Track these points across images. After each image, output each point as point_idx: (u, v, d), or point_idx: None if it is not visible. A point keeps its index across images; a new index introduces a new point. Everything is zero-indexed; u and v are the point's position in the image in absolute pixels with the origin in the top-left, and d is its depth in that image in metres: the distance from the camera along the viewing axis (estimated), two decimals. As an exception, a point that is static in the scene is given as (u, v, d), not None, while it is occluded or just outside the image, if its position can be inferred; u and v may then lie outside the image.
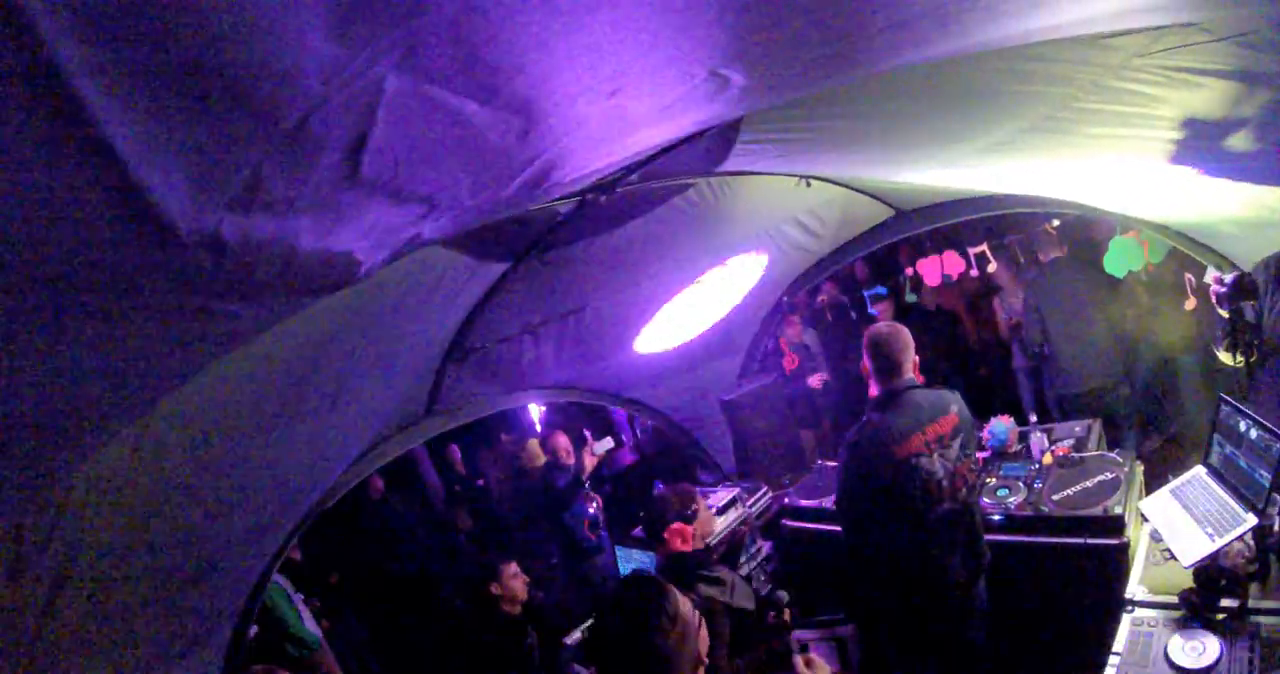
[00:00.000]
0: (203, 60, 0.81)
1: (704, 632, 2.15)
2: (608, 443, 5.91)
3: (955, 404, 3.28)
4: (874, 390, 3.29)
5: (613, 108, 1.58)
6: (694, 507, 3.37)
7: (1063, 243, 5.85)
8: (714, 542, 4.56)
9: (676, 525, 3.27)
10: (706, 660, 2.12)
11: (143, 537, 2.61)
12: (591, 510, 6.12)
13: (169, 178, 0.93)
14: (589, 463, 5.91)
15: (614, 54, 1.33)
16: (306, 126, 1.00)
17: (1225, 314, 3.36)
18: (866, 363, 3.30)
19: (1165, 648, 2.56)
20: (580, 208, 3.33)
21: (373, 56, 0.95)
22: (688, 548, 3.27)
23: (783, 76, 2.00)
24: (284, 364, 2.85)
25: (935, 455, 3.08)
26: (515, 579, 4.32)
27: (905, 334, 3.28)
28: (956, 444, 3.16)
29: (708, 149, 3.18)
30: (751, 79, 1.83)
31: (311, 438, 3.45)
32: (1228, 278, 3.31)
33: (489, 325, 4.22)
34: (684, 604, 2.10)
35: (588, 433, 6.35)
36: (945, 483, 3.06)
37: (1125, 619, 2.82)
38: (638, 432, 9.44)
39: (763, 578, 5.00)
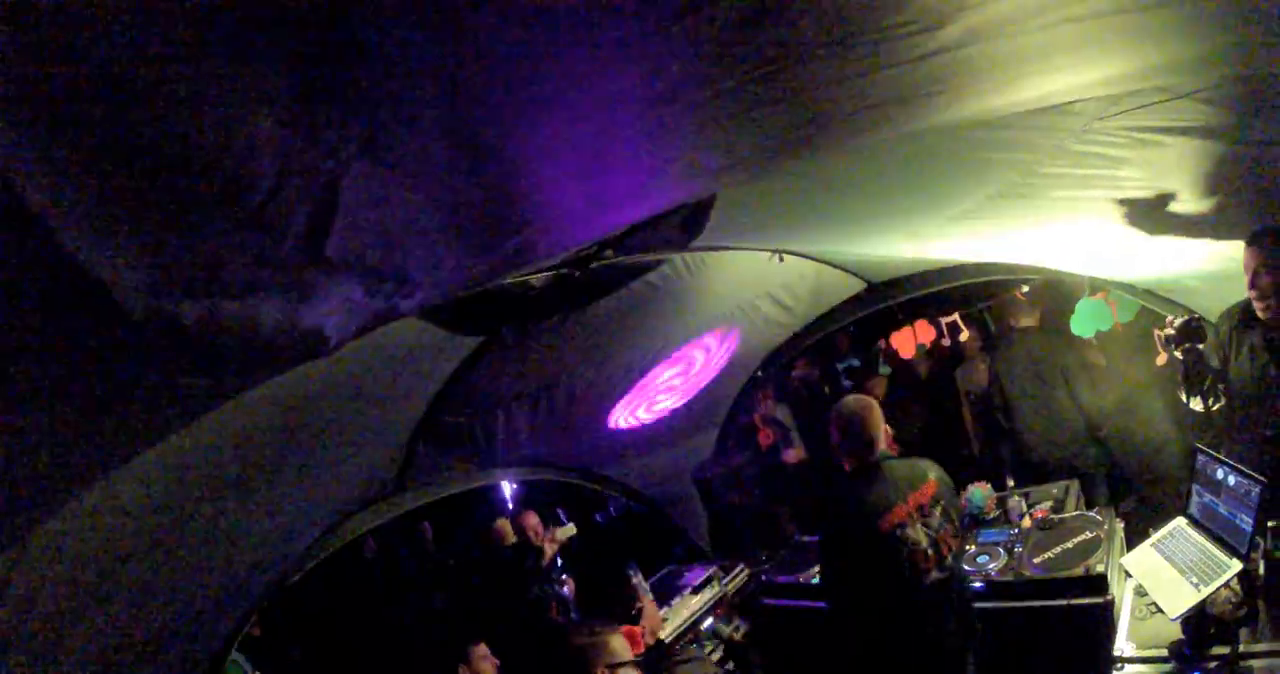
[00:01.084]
0: (154, 152, 0.81)
1: None
2: (569, 529, 5.81)
3: (933, 471, 3.27)
4: (848, 465, 3.26)
5: (586, 189, 1.59)
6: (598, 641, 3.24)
7: (1034, 309, 5.88)
8: (674, 636, 4.47)
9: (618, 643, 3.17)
10: None
11: (94, 601, 2.51)
12: (565, 592, 5.98)
13: (123, 266, 0.92)
14: (549, 549, 5.80)
15: (590, 137, 1.34)
16: (265, 212, 0.99)
17: (1179, 356, 3.41)
18: (836, 438, 3.28)
19: None
20: (556, 282, 3.34)
21: (332, 145, 0.95)
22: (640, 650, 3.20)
23: (754, 157, 2.03)
24: (250, 432, 2.80)
25: (919, 524, 3.05)
26: (485, 660, 4.18)
27: (875, 407, 3.28)
28: (938, 511, 3.13)
29: (682, 225, 3.21)
30: (723, 160, 1.85)
31: (276, 509, 3.37)
32: (1177, 321, 3.38)
33: (462, 400, 4.17)
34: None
35: (561, 512, 6.24)
36: (930, 551, 3.03)
37: None
38: (611, 510, 9.30)
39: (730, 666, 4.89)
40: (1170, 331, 3.42)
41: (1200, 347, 3.41)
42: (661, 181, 1.83)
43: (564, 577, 5.93)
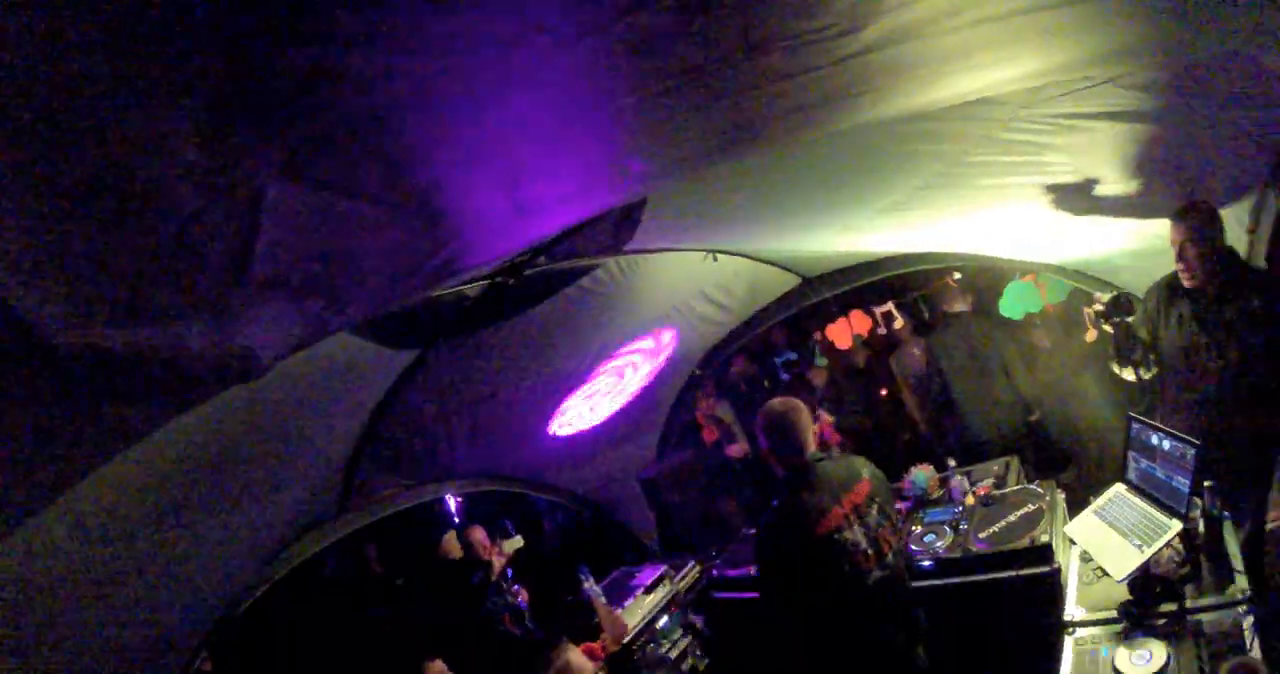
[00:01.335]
0: (69, 180, 0.79)
1: None
2: (516, 541, 5.76)
3: (866, 469, 3.24)
4: (780, 469, 3.19)
5: (513, 198, 1.59)
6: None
7: (966, 294, 6.01)
8: (631, 637, 4.48)
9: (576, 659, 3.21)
10: None
11: (34, 644, 2.43)
12: (519, 602, 5.93)
13: (43, 298, 0.90)
14: (498, 563, 5.76)
15: (513, 148, 1.35)
16: (186, 236, 0.98)
17: (1109, 330, 3.57)
18: (765, 443, 3.20)
19: (1113, 661, 2.58)
20: (489, 291, 3.32)
21: (251, 167, 0.94)
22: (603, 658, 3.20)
23: (681, 160, 2.05)
24: (183, 462, 2.74)
25: (856, 526, 3.04)
26: (442, 676, 4.13)
27: (802, 407, 3.21)
28: (874, 509, 3.12)
29: (614, 229, 3.22)
30: (652, 165, 1.87)
31: (217, 538, 3.29)
32: (1105, 297, 3.55)
33: (400, 415, 4.13)
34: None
35: (508, 524, 6.19)
36: (870, 551, 3.02)
37: (1068, 641, 2.84)
38: (559, 516, 9.26)
39: (698, 653, 4.91)
40: (1099, 308, 3.60)
41: (1129, 320, 3.57)
42: (589, 188, 1.84)
43: (516, 588, 5.89)
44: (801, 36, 1.32)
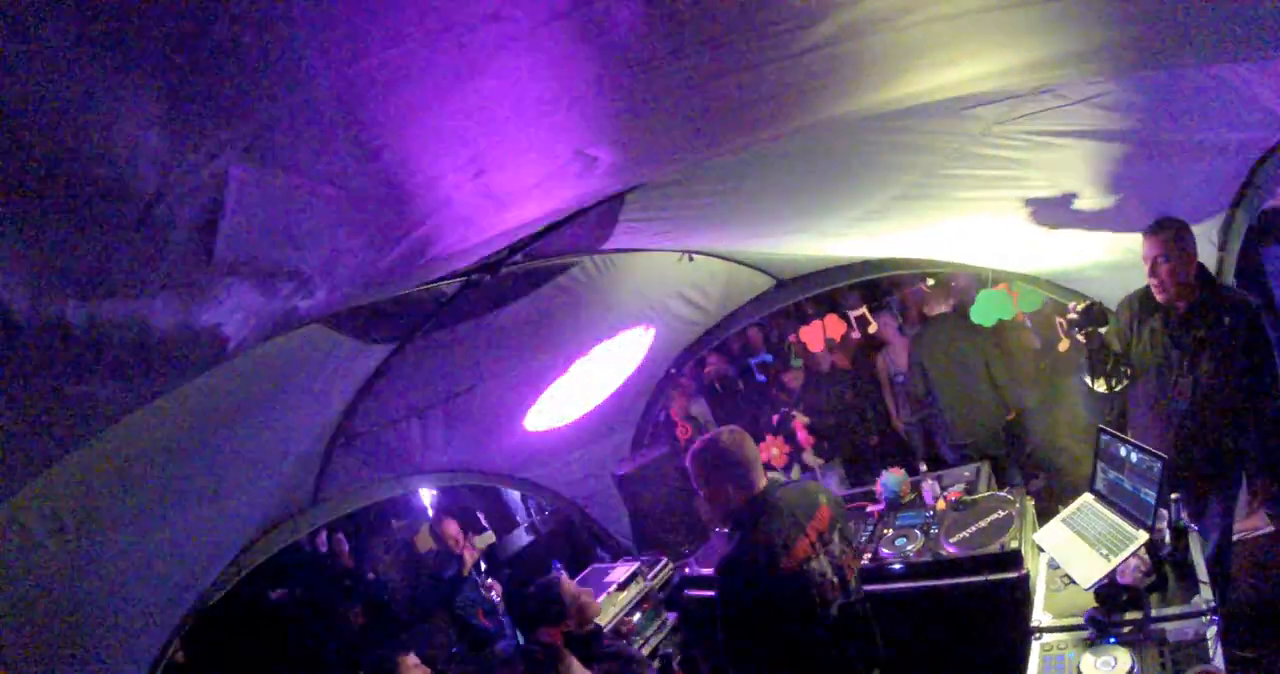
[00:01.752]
0: (30, 158, 0.82)
1: None
2: (489, 537, 5.78)
3: (822, 494, 3.07)
4: (738, 500, 2.91)
5: (479, 187, 1.62)
6: (558, 606, 3.37)
7: (948, 297, 6.00)
8: (608, 622, 4.51)
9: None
10: None
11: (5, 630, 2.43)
12: (493, 596, 5.96)
13: (3, 273, 0.92)
14: (469, 557, 5.78)
15: (476, 136, 1.38)
16: (150, 216, 1.01)
17: (1082, 340, 3.63)
18: (709, 479, 2.92)
19: (1079, 667, 2.63)
20: (465, 288, 3.34)
21: (213, 149, 0.97)
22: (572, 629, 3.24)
23: (651, 154, 2.09)
24: (158, 452, 2.74)
25: (822, 556, 2.89)
26: (415, 669, 4.13)
27: (747, 435, 3.00)
28: (836, 536, 2.99)
29: (591, 227, 3.25)
30: (620, 157, 1.90)
31: (190, 530, 3.30)
32: (1079, 307, 3.61)
33: (375, 409, 4.15)
34: None
35: (481, 517, 6.21)
36: (835, 579, 2.90)
37: (1035, 646, 2.88)
38: (532, 512, 9.28)
39: (670, 650, 4.94)
40: (1073, 317, 3.66)
41: (1102, 331, 3.65)
42: (556, 177, 1.87)
43: (489, 581, 5.91)
44: (759, 28, 1.35)
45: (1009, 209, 3.28)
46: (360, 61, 0.95)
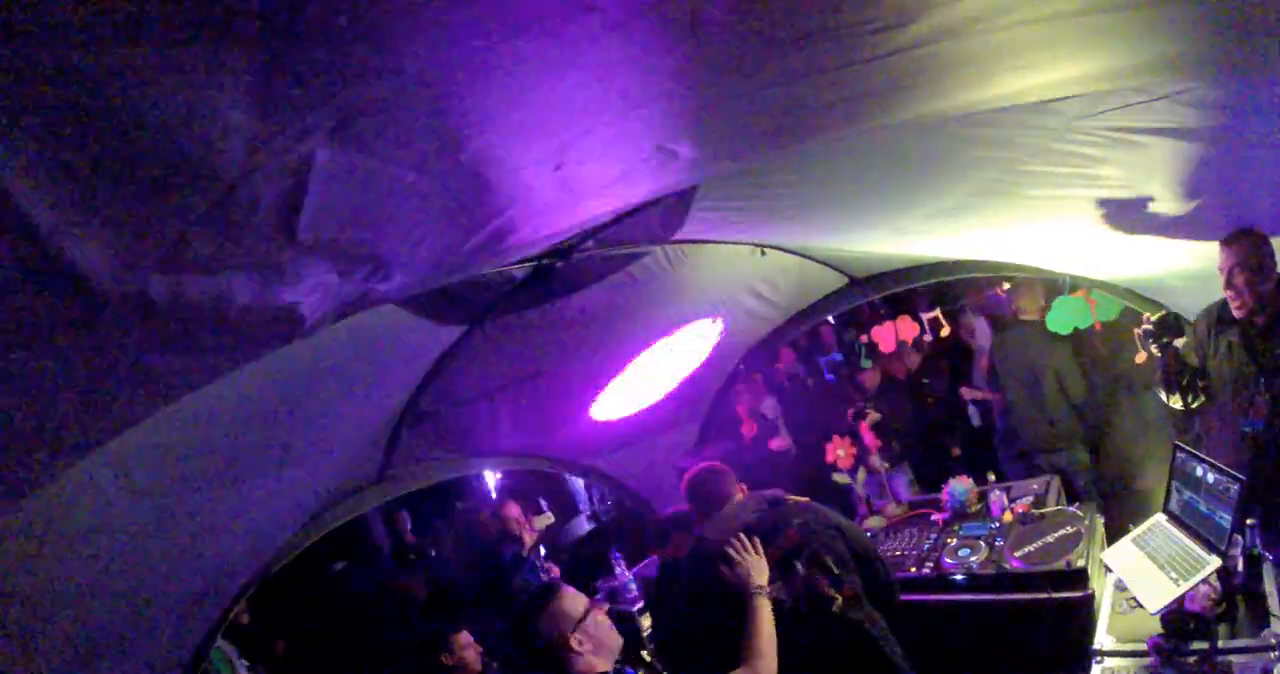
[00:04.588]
0: (119, 134, 0.83)
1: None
2: (547, 517, 5.82)
3: (796, 519, 2.95)
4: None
5: (560, 179, 1.61)
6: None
7: (1038, 301, 5.66)
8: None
9: None
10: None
11: (75, 589, 2.52)
12: (551, 579, 6.01)
13: (88, 242, 0.94)
14: (529, 539, 5.84)
15: (559, 128, 1.37)
16: (235, 193, 1.02)
17: (1156, 353, 3.48)
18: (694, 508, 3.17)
19: None
20: (537, 273, 3.35)
21: (300, 131, 0.97)
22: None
23: (731, 149, 2.05)
24: (233, 423, 2.82)
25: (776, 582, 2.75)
26: (468, 649, 4.18)
27: (728, 469, 3.23)
28: (798, 564, 2.79)
29: (663, 217, 3.23)
30: (699, 152, 1.87)
31: (258, 499, 3.38)
32: (1154, 317, 3.47)
33: (444, 389, 4.19)
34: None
35: (542, 501, 6.26)
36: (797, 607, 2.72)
37: (1095, 669, 2.78)
38: (594, 500, 9.34)
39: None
40: (1148, 327, 3.50)
41: (1178, 344, 3.47)
42: (637, 170, 1.85)
43: (548, 565, 5.96)
44: (851, 28, 1.31)
45: (1086, 210, 3.14)
46: (450, 49, 0.94)
